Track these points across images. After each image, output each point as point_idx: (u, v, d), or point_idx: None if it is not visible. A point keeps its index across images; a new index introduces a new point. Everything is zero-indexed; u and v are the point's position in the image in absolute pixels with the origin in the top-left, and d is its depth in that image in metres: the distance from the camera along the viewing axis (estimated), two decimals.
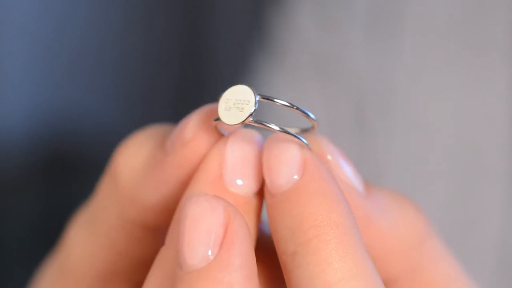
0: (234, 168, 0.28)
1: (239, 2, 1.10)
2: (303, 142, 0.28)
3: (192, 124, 0.29)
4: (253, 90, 0.28)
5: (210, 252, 0.25)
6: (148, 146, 0.30)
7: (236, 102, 0.28)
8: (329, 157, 0.29)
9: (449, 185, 0.55)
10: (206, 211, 0.25)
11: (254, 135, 0.29)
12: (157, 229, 0.31)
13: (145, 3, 1.15)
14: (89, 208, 0.33)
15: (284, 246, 0.26)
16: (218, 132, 0.29)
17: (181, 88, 1.17)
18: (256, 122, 0.28)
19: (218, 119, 0.28)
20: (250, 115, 0.27)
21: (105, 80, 1.15)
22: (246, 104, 0.27)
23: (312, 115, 0.28)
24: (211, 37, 1.14)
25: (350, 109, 0.58)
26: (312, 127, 0.29)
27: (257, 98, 0.27)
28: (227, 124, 0.28)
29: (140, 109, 1.16)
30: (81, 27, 1.13)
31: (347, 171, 0.29)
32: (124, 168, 0.30)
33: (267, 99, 0.28)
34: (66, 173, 1.13)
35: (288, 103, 0.28)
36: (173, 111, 1.16)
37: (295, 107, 0.28)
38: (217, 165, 0.28)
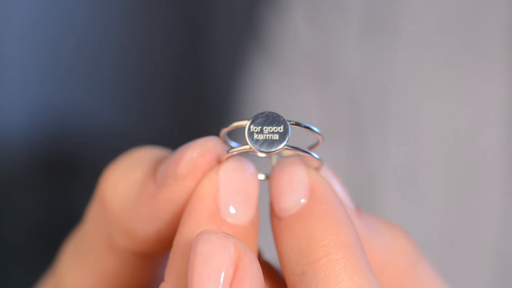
0: (228, 199, 0.27)
1: (238, 4, 1.10)
2: (319, 160, 0.28)
3: (187, 160, 0.28)
4: (283, 117, 0.27)
5: None
6: (137, 171, 0.30)
7: (266, 129, 0.27)
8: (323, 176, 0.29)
9: (446, 189, 0.55)
10: (216, 249, 0.25)
11: (245, 162, 0.28)
12: (150, 256, 0.31)
13: (145, 4, 1.16)
14: (79, 234, 0.33)
15: (293, 267, 0.27)
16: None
17: (181, 88, 1.17)
18: (290, 148, 0.27)
19: (229, 150, 0.28)
20: (287, 142, 0.27)
21: (105, 80, 1.15)
22: (279, 132, 0.27)
23: (317, 130, 0.28)
24: (210, 38, 1.14)
25: (344, 111, 0.58)
26: (317, 143, 0.29)
27: (289, 125, 0.27)
28: (261, 153, 0.27)
29: (140, 109, 1.16)
30: (81, 27, 1.13)
31: (339, 192, 0.29)
32: (112, 195, 0.30)
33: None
34: (66, 173, 1.13)
35: (294, 121, 0.28)
36: (172, 111, 1.16)
37: (302, 125, 0.28)
38: (212, 197, 0.27)
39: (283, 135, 0.27)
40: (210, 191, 0.28)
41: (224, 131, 0.28)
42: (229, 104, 0.77)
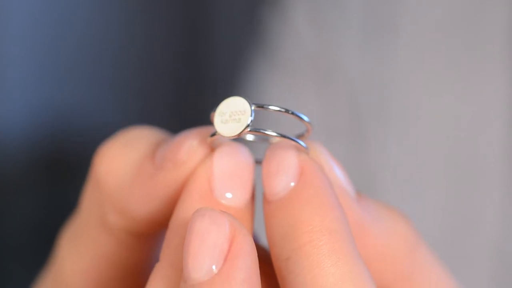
0: (222, 181, 0.28)
1: (238, 4, 1.10)
2: (302, 145, 0.28)
3: (188, 146, 0.28)
4: (248, 100, 0.28)
5: (214, 266, 0.25)
6: (132, 150, 0.30)
7: (232, 114, 0.28)
8: (322, 161, 0.29)
9: (446, 189, 0.55)
10: (212, 226, 0.25)
11: (239, 147, 0.29)
12: (146, 236, 0.31)
13: (145, 4, 1.16)
14: (76, 218, 0.33)
15: (279, 252, 0.27)
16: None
17: (181, 88, 1.17)
18: (254, 131, 0.28)
19: (213, 134, 0.28)
20: (248, 125, 0.27)
21: (105, 80, 1.15)
22: (242, 114, 0.27)
23: (306, 118, 0.28)
24: (210, 38, 1.14)
25: (345, 112, 0.58)
26: (307, 131, 0.29)
27: (253, 108, 0.27)
28: (225, 137, 0.28)
29: (140, 109, 1.16)
30: (81, 27, 1.13)
31: (340, 177, 0.29)
32: (106, 172, 0.30)
33: (261, 106, 0.28)
34: (66, 173, 1.13)
35: (281, 108, 0.28)
36: (172, 111, 1.16)
37: (290, 112, 0.28)
38: (206, 179, 0.28)
39: (246, 118, 0.27)
40: (204, 175, 0.28)
41: (213, 114, 0.28)
42: None
